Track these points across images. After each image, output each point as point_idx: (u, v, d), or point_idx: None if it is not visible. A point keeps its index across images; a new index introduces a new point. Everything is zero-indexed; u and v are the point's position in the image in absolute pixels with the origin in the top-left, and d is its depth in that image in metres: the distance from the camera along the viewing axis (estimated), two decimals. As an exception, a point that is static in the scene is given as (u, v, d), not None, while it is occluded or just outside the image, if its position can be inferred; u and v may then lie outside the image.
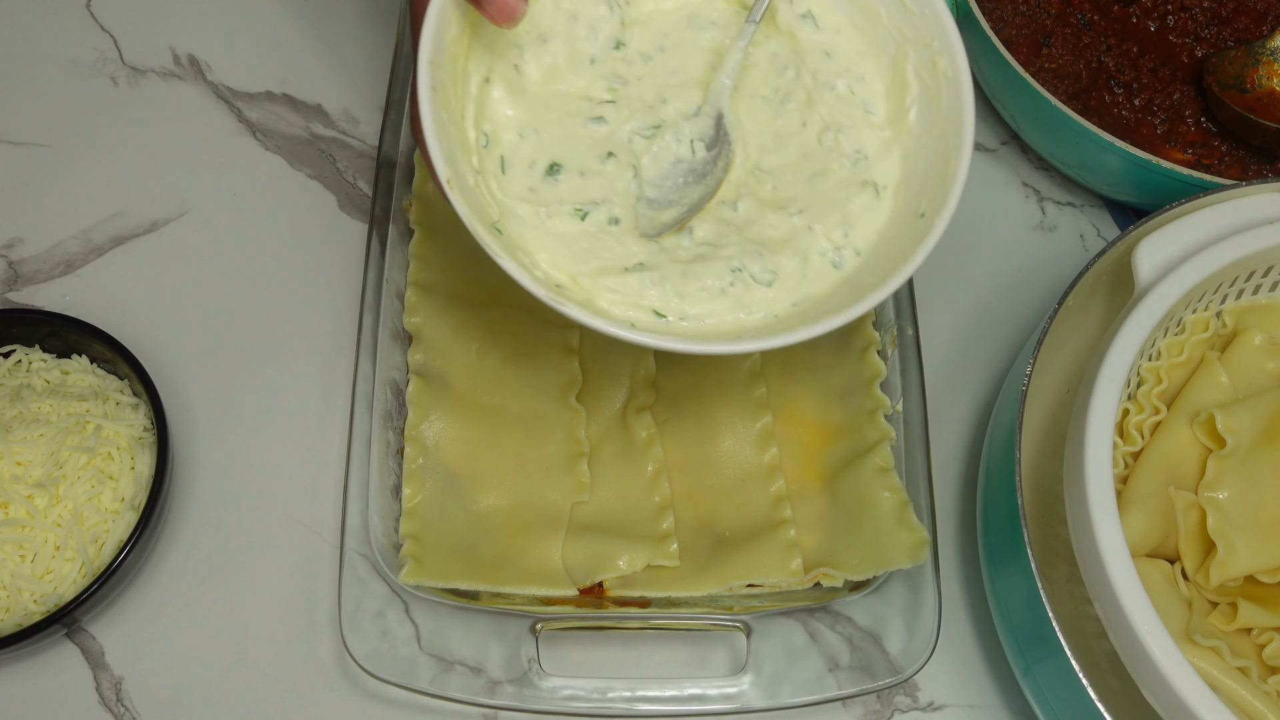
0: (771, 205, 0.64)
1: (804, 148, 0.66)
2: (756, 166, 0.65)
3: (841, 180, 0.65)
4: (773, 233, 0.63)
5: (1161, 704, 0.57)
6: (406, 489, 0.70)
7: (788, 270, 0.62)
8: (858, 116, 0.66)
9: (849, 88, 0.66)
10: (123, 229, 0.85)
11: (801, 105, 0.66)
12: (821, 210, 0.64)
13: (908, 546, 0.67)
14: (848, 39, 0.67)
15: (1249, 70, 0.82)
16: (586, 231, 0.62)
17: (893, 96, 0.66)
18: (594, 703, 0.66)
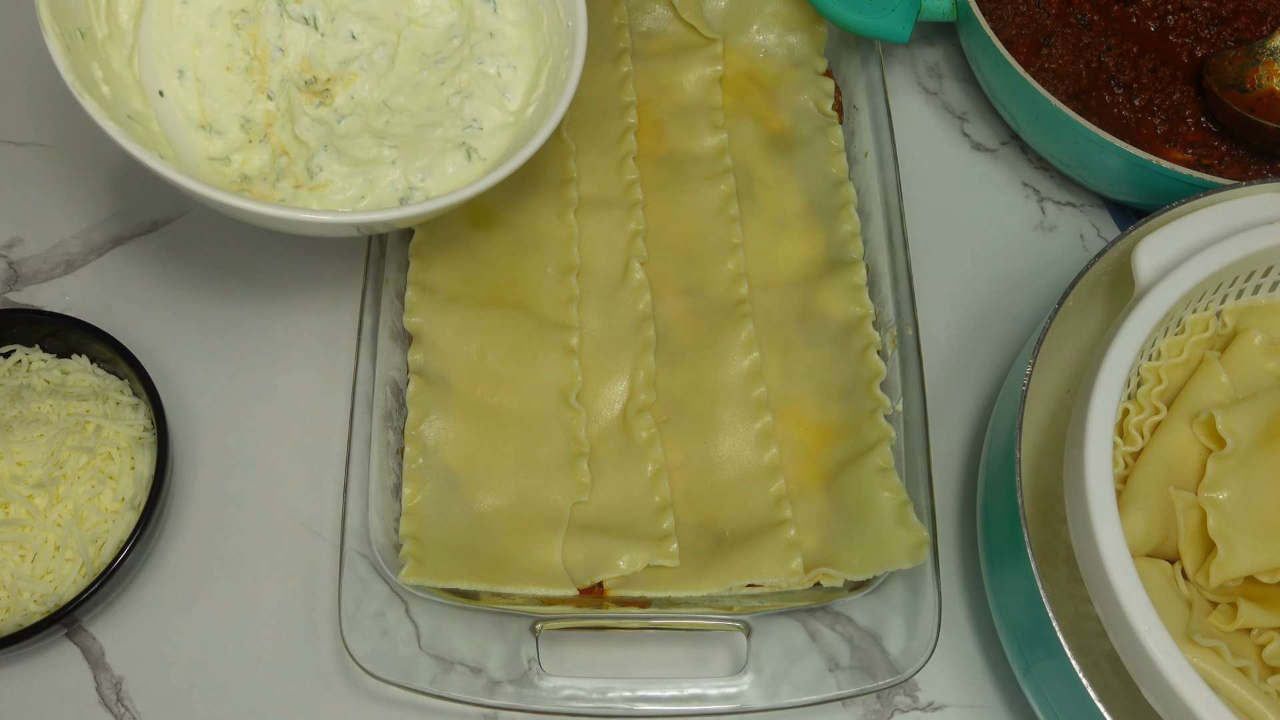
0: (373, 133, 0.72)
1: (431, 101, 0.74)
2: (385, 101, 0.74)
3: (447, 137, 0.72)
4: (358, 152, 0.71)
5: (1161, 704, 0.57)
6: (406, 489, 0.70)
7: (346, 184, 0.71)
8: (492, 95, 0.74)
9: (497, 70, 0.74)
10: (123, 229, 0.85)
11: (450, 69, 0.75)
12: (412, 153, 0.71)
13: (908, 546, 0.67)
14: (515, 31, 0.75)
15: (1249, 70, 0.82)
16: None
17: (528, 92, 0.74)
18: (594, 703, 0.66)
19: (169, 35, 0.72)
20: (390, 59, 0.75)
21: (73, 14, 0.67)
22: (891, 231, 0.78)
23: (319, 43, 0.74)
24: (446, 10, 0.76)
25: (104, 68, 0.68)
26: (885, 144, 0.81)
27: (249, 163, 0.72)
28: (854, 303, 0.76)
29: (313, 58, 0.74)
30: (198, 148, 0.72)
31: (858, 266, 0.78)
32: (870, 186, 0.81)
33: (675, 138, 0.84)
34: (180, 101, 0.73)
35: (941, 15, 0.86)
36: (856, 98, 0.85)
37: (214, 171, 0.71)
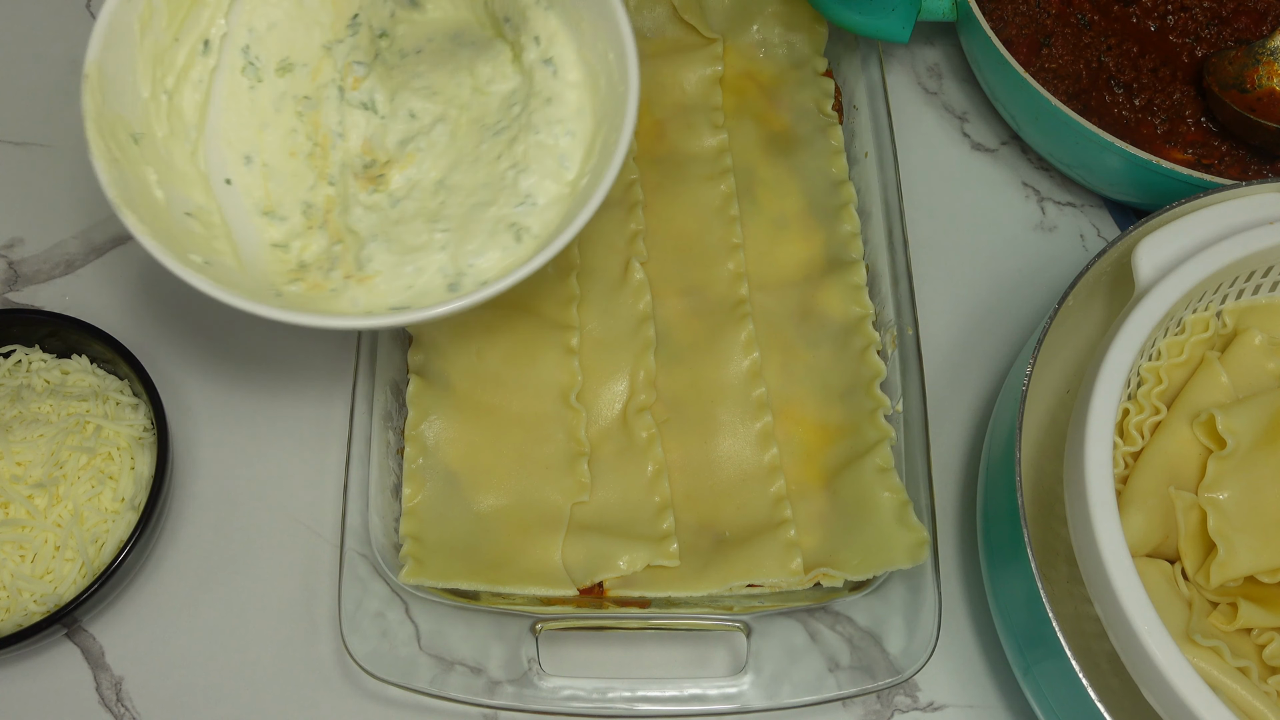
0: (427, 216, 0.68)
1: (489, 178, 0.69)
2: (441, 181, 0.69)
3: (499, 216, 0.67)
4: (409, 238, 0.67)
5: (1161, 704, 0.57)
6: (406, 489, 0.70)
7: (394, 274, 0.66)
8: (549, 166, 0.68)
9: (555, 139, 0.69)
10: (123, 229, 0.84)
11: (507, 140, 0.69)
12: (464, 235, 0.67)
13: (908, 546, 0.67)
14: (575, 94, 0.70)
15: (1249, 70, 0.82)
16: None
17: (584, 160, 0.68)
18: (594, 703, 0.66)
19: (237, 121, 0.70)
20: (450, 135, 0.71)
21: (126, 122, 0.65)
22: (891, 231, 0.78)
23: (379, 125, 0.71)
24: (510, 76, 0.72)
25: (161, 168, 0.66)
26: (885, 144, 0.81)
27: (307, 249, 0.70)
28: (854, 303, 0.76)
29: (373, 140, 0.71)
30: (262, 234, 0.70)
31: (858, 266, 0.78)
32: (870, 186, 0.81)
33: (675, 138, 0.84)
34: (247, 188, 0.70)
35: (941, 15, 0.86)
36: (856, 98, 0.85)
37: (274, 259, 0.69)
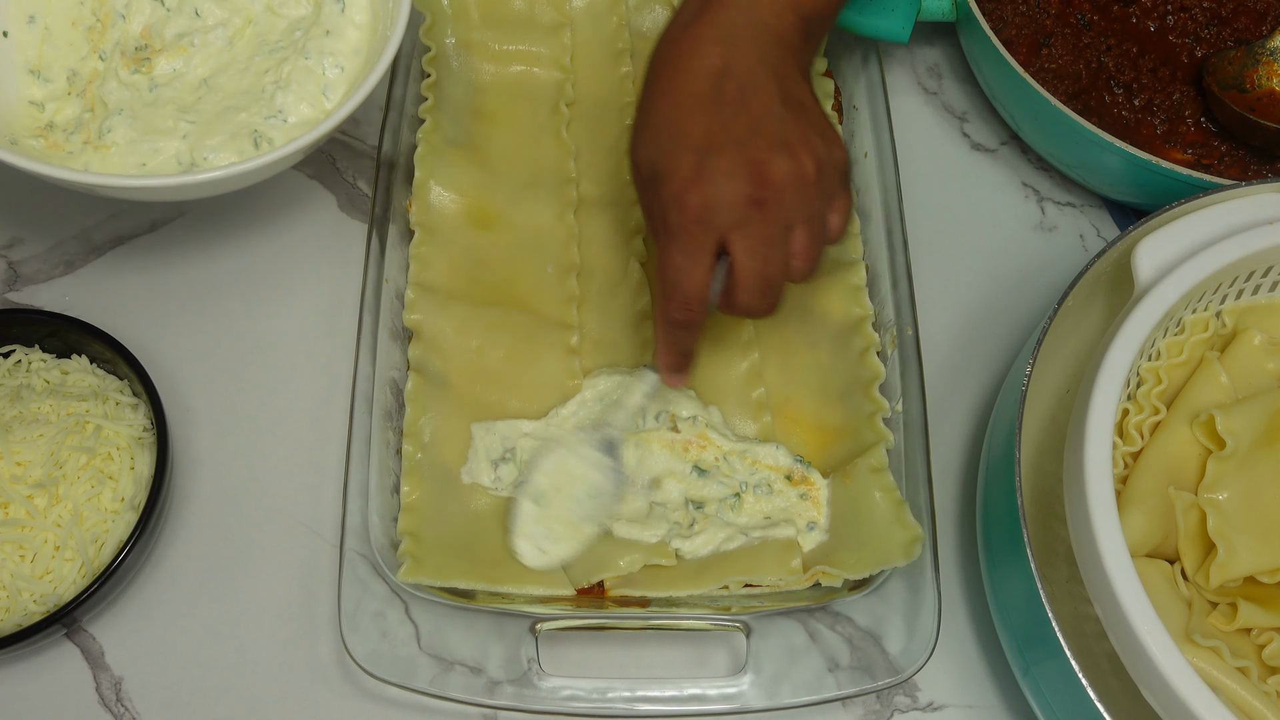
0: (179, 105, 0.77)
1: (250, 87, 0.78)
2: (206, 80, 0.78)
3: (245, 122, 0.76)
4: (155, 122, 0.76)
5: (1161, 704, 0.57)
6: (405, 485, 0.70)
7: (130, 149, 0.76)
8: (310, 91, 0.77)
9: (323, 68, 0.78)
10: (123, 229, 0.85)
11: (278, 60, 0.78)
12: (207, 131, 0.76)
13: (903, 543, 0.67)
14: (356, 34, 0.79)
15: (1249, 70, 0.82)
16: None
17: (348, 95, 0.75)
18: (594, 703, 0.66)
19: None
20: (228, 41, 0.79)
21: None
22: (891, 231, 0.78)
23: (163, 15, 0.79)
24: (303, 4, 0.80)
25: None
26: (885, 144, 0.81)
27: (60, 113, 0.77)
28: (854, 304, 0.76)
29: (152, 28, 0.79)
30: (22, 90, 0.77)
31: (858, 267, 0.78)
32: (870, 186, 0.81)
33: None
34: (21, 45, 0.77)
35: (941, 15, 0.86)
36: (856, 98, 0.85)
37: (26, 114, 0.76)
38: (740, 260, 0.60)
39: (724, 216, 0.59)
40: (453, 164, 0.80)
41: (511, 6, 0.87)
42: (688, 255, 0.60)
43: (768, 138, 0.59)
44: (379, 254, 0.77)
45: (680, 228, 0.60)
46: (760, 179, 0.59)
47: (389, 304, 0.75)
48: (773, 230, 0.60)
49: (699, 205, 0.59)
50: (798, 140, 0.60)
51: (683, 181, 0.59)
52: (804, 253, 0.61)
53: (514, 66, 0.86)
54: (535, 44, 0.86)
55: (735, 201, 0.59)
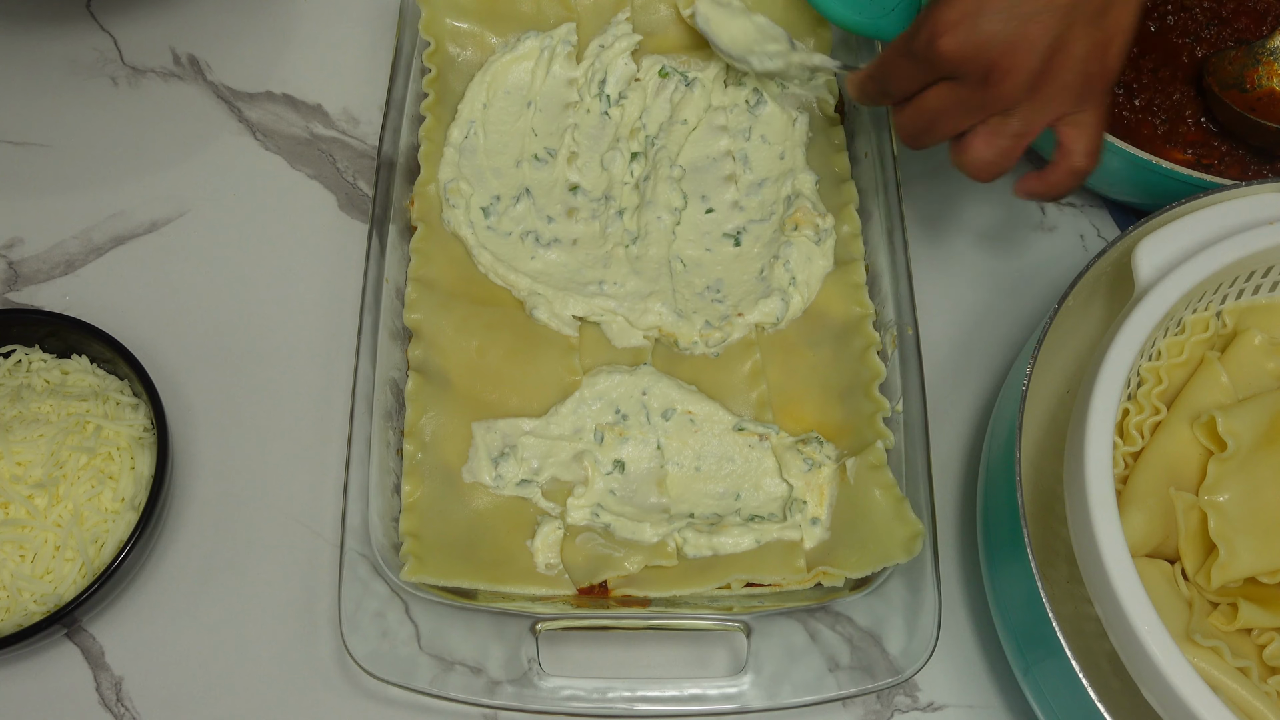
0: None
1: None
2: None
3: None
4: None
5: (1161, 704, 0.57)
6: (406, 484, 0.70)
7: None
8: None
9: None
10: (123, 229, 0.85)
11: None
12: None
13: (903, 540, 0.67)
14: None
15: (1249, 70, 0.82)
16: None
17: None
18: (594, 703, 0.66)
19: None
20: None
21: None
22: (891, 231, 0.78)
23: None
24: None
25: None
26: (885, 144, 0.81)
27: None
28: (854, 302, 0.76)
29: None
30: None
31: (858, 266, 0.78)
32: (870, 186, 0.81)
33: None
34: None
35: (941, 15, 0.86)
36: (856, 98, 0.85)
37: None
38: (928, 97, 0.64)
39: (948, 69, 0.61)
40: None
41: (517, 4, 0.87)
42: (902, 73, 0.65)
43: (1042, 27, 0.59)
44: (379, 253, 0.77)
45: (916, 52, 0.63)
46: (1001, 55, 0.60)
47: (389, 304, 0.75)
48: (974, 102, 0.62)
49: (942, 51, 0.61)
50: (1065, 44, 0.60)
51: (946, 21, 0.61)
52: (988, 140, 0.63)
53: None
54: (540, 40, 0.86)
55: (967, 67, 0.61)
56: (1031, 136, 0.63)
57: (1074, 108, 0.61)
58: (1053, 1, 0.60)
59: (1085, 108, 0.61)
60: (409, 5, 0.86)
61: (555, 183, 0.81)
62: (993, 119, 0.62)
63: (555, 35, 0.85)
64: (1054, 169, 0.63)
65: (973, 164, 0.64)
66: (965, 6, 0.60)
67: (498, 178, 0.81)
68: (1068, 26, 0.60)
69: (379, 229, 0.77)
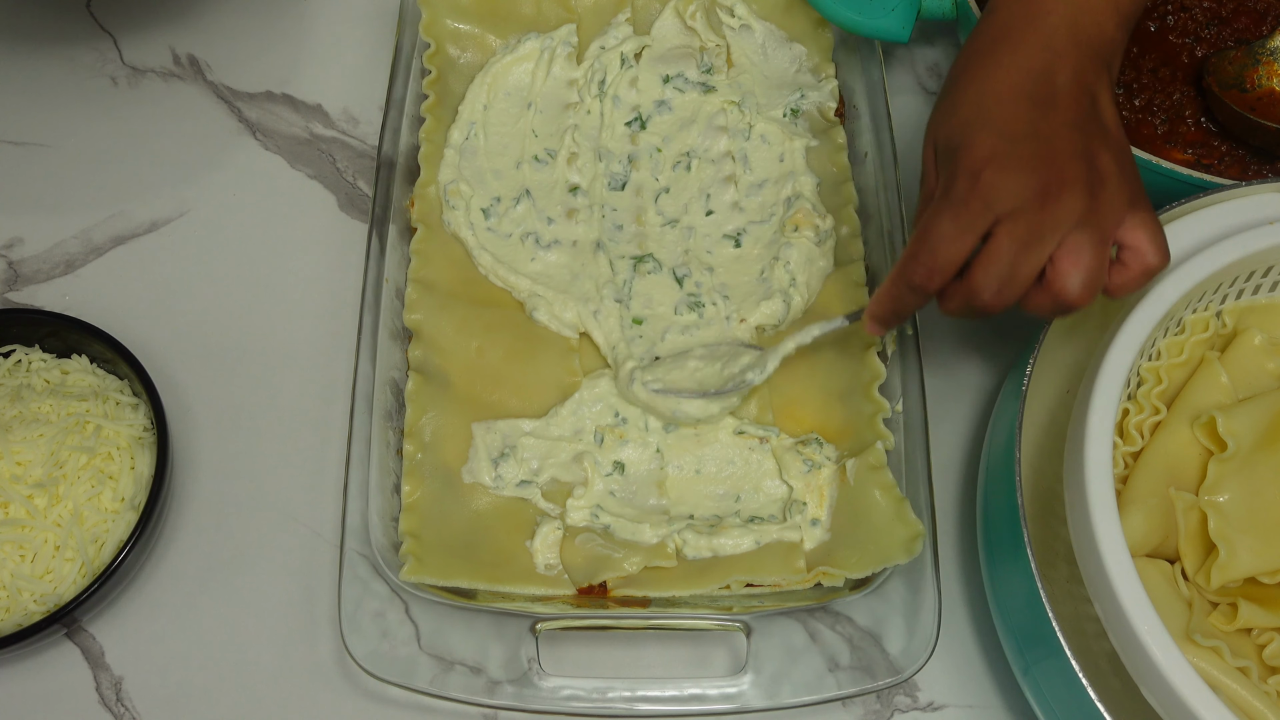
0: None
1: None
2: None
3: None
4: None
5: (1161, 704, 0.57)
6: (406, 485, 0.70)
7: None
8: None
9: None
10: (123, 229, 0.85)
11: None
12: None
13: (904, 541, 0.67)
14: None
15: (1249, 70, 0.82)
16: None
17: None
18: (594, 703, 0.66)
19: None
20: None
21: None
22: (891, 231, 0.78)
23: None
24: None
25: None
26: (885, 144, 0.81)
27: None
28: (854, 302, 0.76)
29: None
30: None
31: (858, 266, 0.78)
32: (870, 186, 0.81)
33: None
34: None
35: (941, 15, 0.86)
36: (856, 98, 0.85)
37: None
38: (999, 241, 0.59)
39: (1007, 201, 0.58)
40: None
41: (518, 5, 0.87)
42: (958, 226, 0.59)
43: (1069, 143, 0.59)
44: (379, 254, 0.77)
45: (962, 198, 0.59)
46: (1053, 175, 0.58)
47: (389, 304, 0.75)
48: (1046, 226, 0.58)
49: (989, 183, 0.59)
50: (1095, 155, 0.60)
51: (981, 157, 0.59)
52: (1079, 257, 0.58)
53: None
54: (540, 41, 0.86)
55: (1023, 190, 0.58)
56: (1110, 244, 0.60)
57: (1129, 211, 0.60)
58: (1063, 120, 0.60)
59: (1138, 209, 0.60)
60: (409, 6, 0.86)
61: (555, 184, 0.81)
62: (1067, 240, 0.59)
63: (556, 36, 0.85)
64: (1124, 270, 0.60)
65: (1068, 290, 0.59)
66: (990, 142, 0.59)
67: (498, 179, 0.81)
68: (1086, 138, 0.60)
69: (379, 229, 0.77)
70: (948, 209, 0.60)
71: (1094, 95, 0.62)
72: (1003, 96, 0.61)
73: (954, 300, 0.62)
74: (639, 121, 0.83)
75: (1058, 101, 0.60)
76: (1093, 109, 0.61)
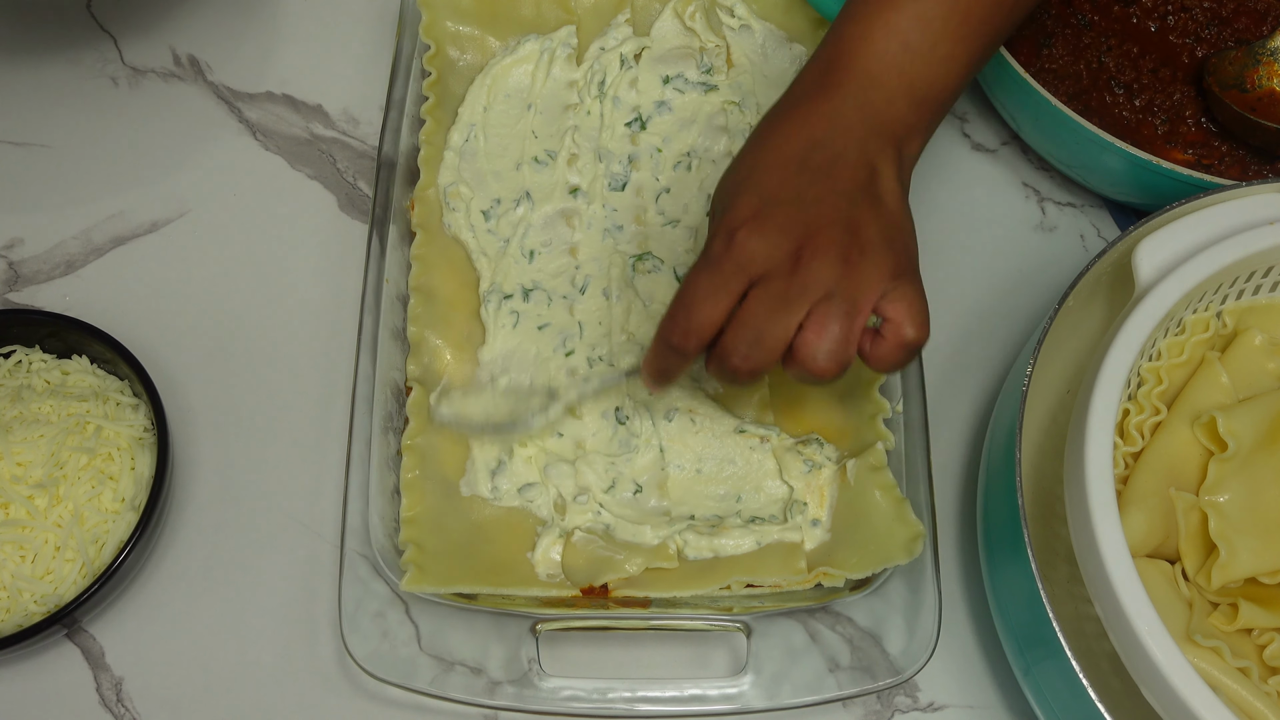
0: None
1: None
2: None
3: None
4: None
5: (1162, 704, 0.57)
6: (405, 498, 0.70)
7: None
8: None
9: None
10: (123, 229, 0.85)
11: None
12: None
13: (904, 541, 0.67)
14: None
15: (1249, 70, 0.82)
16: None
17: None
18: (594, 703, 0.66)
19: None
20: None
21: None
22: (891, 232, 0.78)
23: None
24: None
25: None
26: (885, 144, 0.81)
27: None
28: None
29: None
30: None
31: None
32: (870, 187, 0.81)
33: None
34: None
35: (942, 15, 0.86)
36: (857, 98, 0.85)
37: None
38: (748, 305, 0.58)
39: (758, 264, 0.58)
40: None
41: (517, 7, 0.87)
42: (712, 285, 0.59)
43: (833, 209, 0.59)
44: (379, 255, 0.77)
45: (718, 258, 0.59)
46: (807, 241, 0.58)
47: (389, 304, 0.75)
48: (794, 291, 0.58)
49: (743, 243, 0.58)
50: (858, 224, 0.59)
51: (738, 218, 0.59)
52: (824, 325, 0.58)
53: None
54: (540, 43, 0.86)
55: (775, 253, 0.58)
56: (862, 317, 0.58)
57: (890, 283, 0.59)
58: (832, 188, 0.59)
59: (901, 283, 0.59)
60: (409, 7, 0.86)
61: (555, 185, 0.81)
62: (816, 309, 0.58)
63: (555, 38, 0.85)
64: (881, 343, 0.60)
65: (813, 359, 0.58)
66: (751, 204, 0.59)
67: (498, 181, 0.81)
68: (853, 206, 0.59)
69: (379, 229, 0.77)
70: (705, 269, 0.59)
71: (874, 169, 0.61)
72: (777, 162, 0.61)
73: (711, 362, 0.61)
74: (639, 122, 0.83)
75: (832, 171, 0.60)
76: (870, 181, 0.60)
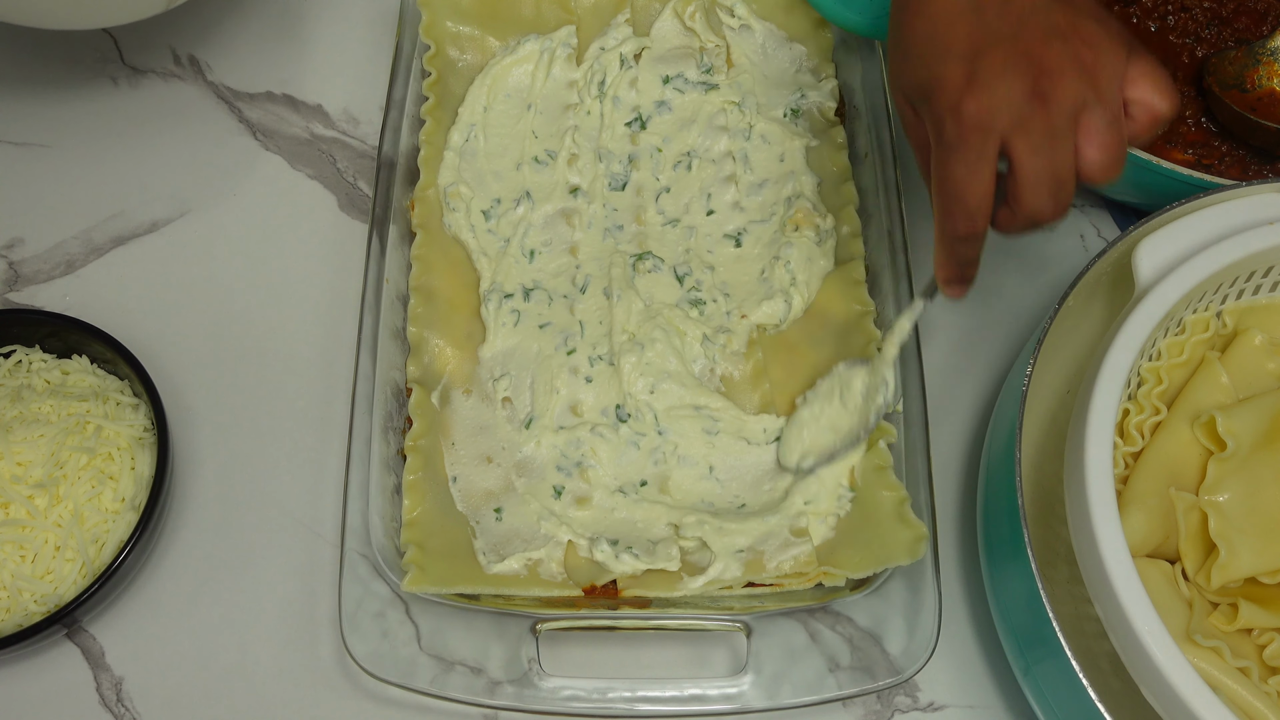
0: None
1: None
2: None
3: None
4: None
5: (1162, 704, 0.57)
6: (406, 500, 0.70)
7: None
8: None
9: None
10: (123, 229, 0.85)
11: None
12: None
13: (907, 543, 0.67)
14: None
15: (1249, 70, 0.82)
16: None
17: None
18: (594, 703, 0.66)
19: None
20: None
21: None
22: (891, 232, 0.78)
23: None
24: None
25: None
26: (885, 144, 0.81)
27: None
28: (855, 300, 0.76)
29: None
30: None
31: (858, 264, 0.78)
32: (870, 186, 0.81)
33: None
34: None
35: (942, 15, 0.86)
36: (856, 98, 0.85)
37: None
38: (1024, 160, 0.56)
39: (1004, 117, 0.56)
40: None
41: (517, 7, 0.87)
42: (968, 166, 0.57)
43: (1036, 28, 0.56)
44: (379, 254, 0.77)
45: (958, 138, 0.57)
46: (1036, 69, 0.56)
47: (389, 304, 0.75)
48: (1057, 121, 0.55)
49: (976, 111, 0.56)
50: (1068, 26, 0.56)
51: (955, 90, 0.57)
52: (1098, 138, 0.56)
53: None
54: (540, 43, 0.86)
55: (1014, 99, 0.55)
56: (1122, 109, 0.57)
57: (1126, 64, 0.56)
58: (1018, 9, 0.57)
59: (1134, 60, 0.57)
60: (409, 7, 0.86)
61: (555, 185, 0.81)
62: (1083, 126, 0.55)
63: (555, 38, 0.85)
64: (1132, 124, 0.58)
65: (1103, 171, 0.56)
66: (956, 70, 0.57)
67: (498, 181, 0.81)
68: (1050, 13, 0.56)
69: (379, 229, 0.77)
70: (952, 154, 0.57)
71: None
72: (949, 18, 0.58)
73: (1013, 226, 0.59)
74: (639, 122, 0.83)
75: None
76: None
